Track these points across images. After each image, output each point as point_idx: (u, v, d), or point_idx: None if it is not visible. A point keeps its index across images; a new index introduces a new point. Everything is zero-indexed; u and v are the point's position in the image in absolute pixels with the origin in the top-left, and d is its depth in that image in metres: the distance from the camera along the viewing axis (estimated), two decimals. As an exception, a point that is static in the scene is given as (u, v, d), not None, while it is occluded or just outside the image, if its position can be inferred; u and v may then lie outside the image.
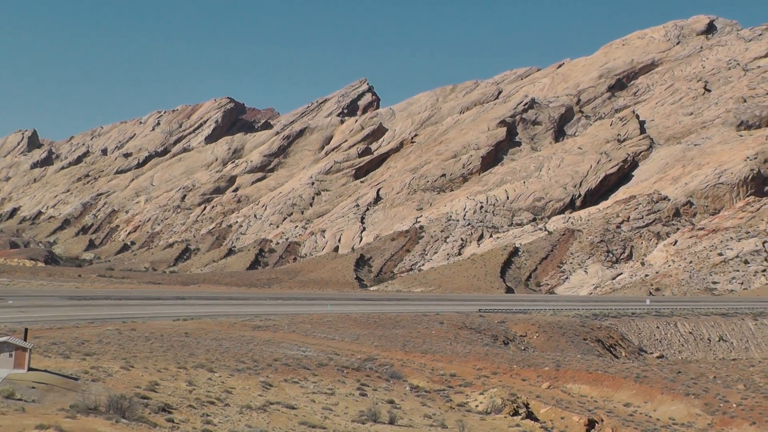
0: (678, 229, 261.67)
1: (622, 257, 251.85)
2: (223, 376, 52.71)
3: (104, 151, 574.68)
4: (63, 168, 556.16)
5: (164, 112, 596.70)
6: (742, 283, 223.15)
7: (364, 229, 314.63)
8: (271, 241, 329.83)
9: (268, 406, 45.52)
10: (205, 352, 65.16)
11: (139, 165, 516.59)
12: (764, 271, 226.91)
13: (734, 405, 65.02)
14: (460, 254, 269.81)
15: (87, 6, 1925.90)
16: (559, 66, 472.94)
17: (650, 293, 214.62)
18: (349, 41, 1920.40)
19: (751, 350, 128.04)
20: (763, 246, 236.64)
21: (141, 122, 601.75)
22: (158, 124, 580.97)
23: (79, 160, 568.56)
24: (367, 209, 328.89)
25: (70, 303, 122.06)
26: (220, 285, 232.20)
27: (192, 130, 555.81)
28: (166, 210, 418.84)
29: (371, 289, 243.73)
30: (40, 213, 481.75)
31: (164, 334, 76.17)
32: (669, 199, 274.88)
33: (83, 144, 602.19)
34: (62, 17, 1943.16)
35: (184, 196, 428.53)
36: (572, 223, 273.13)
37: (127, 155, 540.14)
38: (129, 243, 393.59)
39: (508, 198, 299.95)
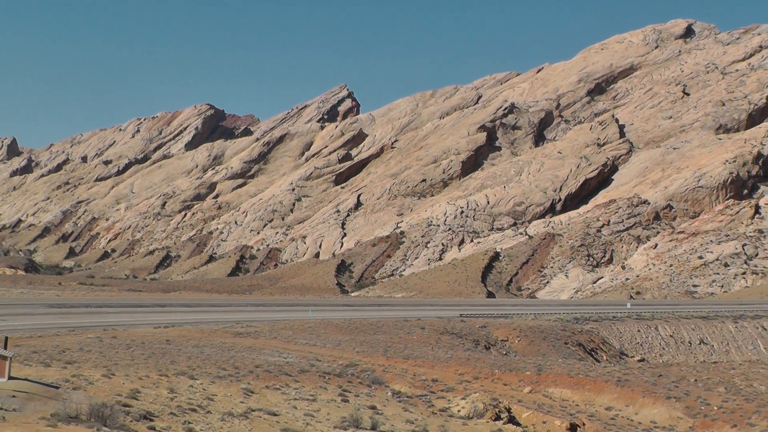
0: (658, 232, 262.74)
1: (602, 261, 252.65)
2: (204, 383, 52.53)
3: (84, 159, 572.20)
4: (43, 176, 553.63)
5: (144, 119, 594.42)
6: (722, 286, 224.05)
7: (345, 234, 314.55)
8: (252, 248, 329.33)
9: (249, 412, 45.45)
10: (186, 359, 64.89)
11: (119, 172, 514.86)
12: (744, 274, 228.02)
13: (715, 408, 65.26)
14: (441, 259, 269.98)
15: (65, 13, 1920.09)
16: (539, 71, 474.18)
17: (631, 297, 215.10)
18: (329, 47, 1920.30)
19: (732, 353, 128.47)
20: (743, 249, 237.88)
21: (121, 129, 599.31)
22: (138, 131, 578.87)
23: (58, 167, 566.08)
24: (348, 215, 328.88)
25: (50, 311, 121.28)
26: (201, 292, 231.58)
27: (172, 137, 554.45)
28: (146, 217, 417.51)
29: (352, 294, 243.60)
30: (20, 221, 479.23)
31: (145, 342, 75.81)
32: (649, 203, 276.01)
33: (63, 151, 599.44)
34: (40, 24, 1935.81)
35: (165, 203, 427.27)
36: (553, 227, 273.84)
37: (107, 162, 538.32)
38: (109, 250, 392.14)
39: (488, 203, 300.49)
